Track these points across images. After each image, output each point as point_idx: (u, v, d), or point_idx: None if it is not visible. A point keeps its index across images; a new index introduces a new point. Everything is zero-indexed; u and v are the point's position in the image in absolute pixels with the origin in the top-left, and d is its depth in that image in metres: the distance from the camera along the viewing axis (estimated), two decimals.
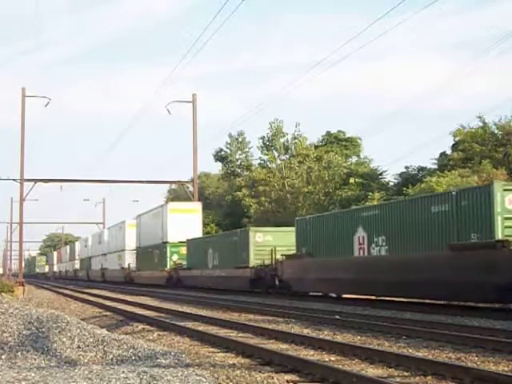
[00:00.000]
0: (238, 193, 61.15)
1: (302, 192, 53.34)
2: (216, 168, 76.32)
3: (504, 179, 34.04)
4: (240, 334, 13.81)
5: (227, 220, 64.29)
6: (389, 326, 13.94)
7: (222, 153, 70.03)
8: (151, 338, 13.73)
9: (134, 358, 9.86)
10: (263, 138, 59.41)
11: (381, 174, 54.84)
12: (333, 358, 10.16)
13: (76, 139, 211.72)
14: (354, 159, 60.09)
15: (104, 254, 61.31)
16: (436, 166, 48.08)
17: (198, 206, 44.88)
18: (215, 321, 16.62)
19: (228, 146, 69.70)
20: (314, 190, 53.24)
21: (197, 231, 42.20)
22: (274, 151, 58.97)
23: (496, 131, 45.41)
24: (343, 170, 54.15)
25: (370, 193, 46.04)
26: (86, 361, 9.83)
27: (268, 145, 59.38)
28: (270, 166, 59.27)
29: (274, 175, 55.66)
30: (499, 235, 17.24)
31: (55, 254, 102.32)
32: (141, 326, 16.21)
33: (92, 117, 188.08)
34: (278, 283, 29.07)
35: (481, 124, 45.58)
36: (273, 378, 8.41)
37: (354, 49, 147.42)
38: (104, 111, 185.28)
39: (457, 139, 46.95)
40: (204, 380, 7.77)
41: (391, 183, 53.28)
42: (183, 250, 41.19)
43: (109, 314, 21.35)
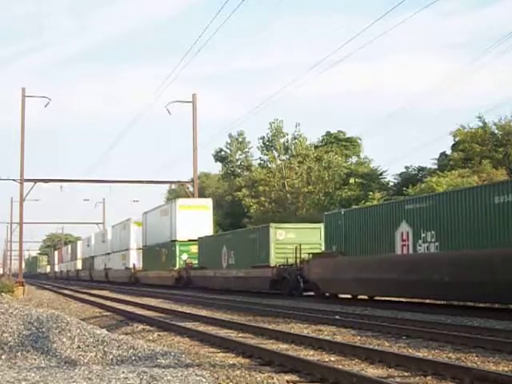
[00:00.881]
0: (238, 193, 61.16)
1: (302, 192, 53.36)
2: (216, 168, 76.47)
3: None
4: (240, 334, 13.82)
5: (227, 220, 64.30)
6: (389, 326, 13.95)
7: (222, 153, 70.06)
8: (151, 338, 13.73)
9: (133, 358, 9.86)
10: (263, 138, 59.51)
11: (381, 174, 54.86)
12: (333, 358, 10.16)
13: (76, 139, 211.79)
14: (353, 159, 60.15)
15: (107, 254, 59.54)
16: (436, 166, 48.09)
17: (208, 202, 43.09)
18: (215, 321, 16.62)
19: (228, 146, 69.75)
20: (313, 190, 53.26)
21: (207, 229, 40.24)
22: (274, 151, 59.01)
23: (496, 131, 45.41)
24: (343, 170, 54.19)
25: (370, 193, 46.06)
26: (86, 361, 9.84)
27: (268, 145, 59.42)
28: (269, 166, 59.29)
29: (273, 175, 55.67)
30: None
31: (56, 253, 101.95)
32: (141, 326, 16.21)
33: (92, 117, 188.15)
34: (302, 284, 26.82)
35: (481, 124, 45.61)
36: (273, 378, 8.41)
37: (354, 49, 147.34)
38: (104, 111, 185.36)
39: (457, 139, 46.95)
40: (204, 380, 7.77)
41: (391, 183, 53.34)
42: (193, 248, 39.20)
43: (109, 314, 21.35)
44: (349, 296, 24.75)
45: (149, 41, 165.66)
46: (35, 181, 45.69)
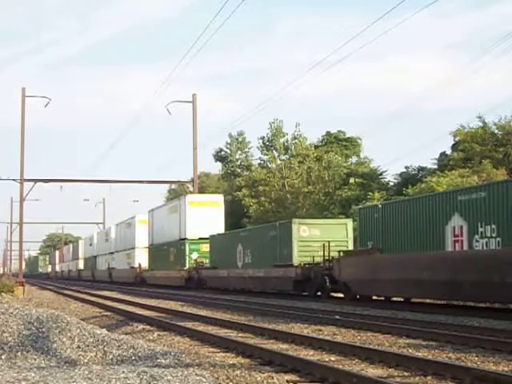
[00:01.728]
0: (238, 193, 61.12)
1: (302, 192, 53.35)
2: (216, 168, 76.39)
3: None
4: (240, 334, 13.82)
5: (227, 220, 64.19)
6: (389, 326, 13.95)
7: (222, 153, 70.06)
8: (151, 338, 13.73)
9: (133, 357, 9.86)
10: (263, 138, 59.51)
11: (381, 173, 54.84)
12: (333, 358, 10.16)
13: (76, 139, 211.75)
14: (353, 159, 60.13)
15: (111, 253, 58.02)
16: (436, 166, 48.06)
17: (219, 198, 41.08)
18: (215, 321, 16.62)
19: (228, 146, 69.74)
20: (314, 190, 53.25)
21: (219, 226, 38.42)
22: (274, 151, 59.01)
23: (496, 131, 45.41)
24: (343, 170, 54.18)
25: (370, 193, 46.07)
26: (86, 361, 9.84)
27: (268, 145, 59.42)
28: (269, 166, 59.30)
29: (273, 175, 55.67)
30: None
31: (57, 253, 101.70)
32: (141, 326, 16.22)
33: (92, 117, 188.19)
34: (329, 285, 24.84)
35: (481, 124, 45.60)
36: (273, 378, 8.41)
37: (354, 49, 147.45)
38: (104, 111, 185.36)
39: (457, 139, 46.93)
40: (204, 380, 7.76)
41: (391, 183, 53.31)
42: (204, 247, 37.40)
43: (109, 313, 21.35)
44: (382, 298, 23.00)
45: (149, 41, 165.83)
46: (35, 181, 45.63)
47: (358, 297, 23.33)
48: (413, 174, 49.28)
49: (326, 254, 25.40)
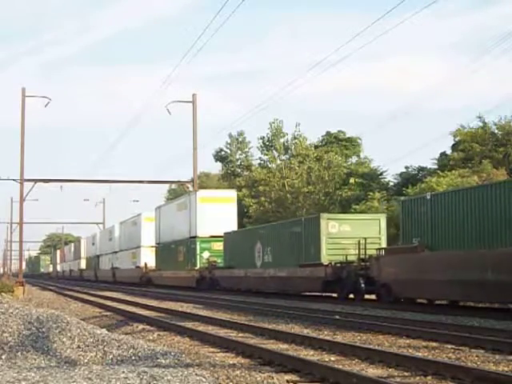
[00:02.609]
0: (238, 193, 61.14)
1: (302, 192, 53.37)
2: (216, 168, 76.37)
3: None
4: (240, 334, 13.82)
5: None
6: (389, 326, 13.94)
7: (222, 153, 70.09)
8: (151, 338, 13.72)
9: (133, 358, 9.86)
10: (263, 138, 59.54)
11: (381, 173, 54.89)
12: (333, 358, 10.16)
13: (76, 139, 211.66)
14: (354, 159, 60.17)
15: (115, 252, 56.08)
16: (436, 166, 48.09)
17: (232, 194, 38.65)
18: (215, 321, 16.62)
19: (228, 146, 69.79)
20: (314, 190, 53.28)
21: (232, 223, 36.14)
22: (274, 151, 59.04)
23: (496, 131, 45.45)
24: (343, 170, 54.21)
25: (370, 193, 46.08)
26: (86, 361, 9.84)
27: (268, 145, 59.45)
28: (269, 166, 59.32)
29: (273, 175, 55.69)
30: None
31: (58, 252, 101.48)
32: (141, 326, 16.21)
33: (92, 117, 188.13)
34: (363, 285, 22.74)
35: (481, 124, 45.66)
36: (273, 378, 8.40)
37: (354, 49, 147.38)
38: (104, 111, 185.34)
39: (457, 139, 47.00)
40: (204, 380, 7.76)
41: (391, 183, 53.35)
42: (216, 245, 35.27)
43: (109, 313, 21.34)
44: (424, 301, 20.99)
45: (149, 41, 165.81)
46: (35, 181, 45.59)
47: (408, 299, 20.92)
48: (413, 174, 49.30)
49: (362, 251, 23.28)
